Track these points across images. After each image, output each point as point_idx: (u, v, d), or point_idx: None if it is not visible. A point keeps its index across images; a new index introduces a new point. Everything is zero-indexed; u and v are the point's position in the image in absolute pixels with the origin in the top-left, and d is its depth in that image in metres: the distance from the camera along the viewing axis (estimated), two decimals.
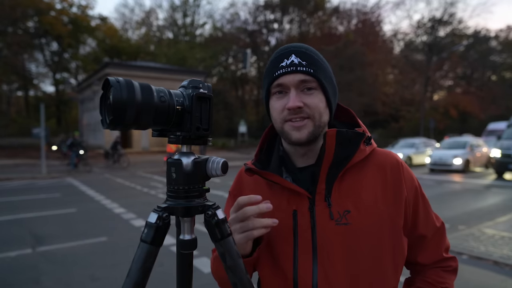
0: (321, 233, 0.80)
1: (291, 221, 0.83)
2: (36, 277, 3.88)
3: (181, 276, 0.75)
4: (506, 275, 3.83)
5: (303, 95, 0.80)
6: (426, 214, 0.88)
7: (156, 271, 1.13)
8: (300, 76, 0.79)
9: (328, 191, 0.82)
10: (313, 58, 0.81)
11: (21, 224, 6.25)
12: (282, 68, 0.80)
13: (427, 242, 0.88)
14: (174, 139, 0.69)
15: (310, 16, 43.01)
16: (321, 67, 0.81)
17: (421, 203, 0.87)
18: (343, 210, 0.80)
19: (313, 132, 0.81)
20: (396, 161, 0.87)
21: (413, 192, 0.86)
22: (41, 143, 14.79)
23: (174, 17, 48.40)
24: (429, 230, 0.88)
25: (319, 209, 0.81)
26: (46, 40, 40.24)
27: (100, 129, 29.08)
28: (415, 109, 37.15)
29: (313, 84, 0.80)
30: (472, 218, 6.40)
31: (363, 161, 0.84)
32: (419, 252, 0.89)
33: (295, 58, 0.80)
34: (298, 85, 0.79)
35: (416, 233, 0.87)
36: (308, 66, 0.79)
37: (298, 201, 0.83)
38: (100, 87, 2.00)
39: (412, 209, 0.85)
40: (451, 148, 15.04)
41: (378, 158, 0.86)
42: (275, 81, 0.81)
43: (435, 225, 0.90)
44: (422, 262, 0.89)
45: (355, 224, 0.79)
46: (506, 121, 15.92)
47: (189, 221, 0.71)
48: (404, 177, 0.85)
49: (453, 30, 38.28)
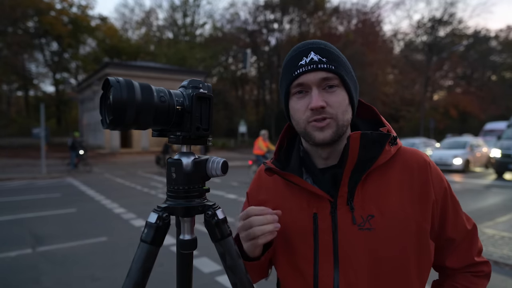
0: (342, 237, 0.77)
1: (311, 224, 0.80)
2: (36, 277, 3.87)
3: (181, 276, 0.75)
4: (506, 275, 3.82)
5: (325, 94, 0.76)
6: (456, 217, 0.83)
7: (156, 271, 1.13)
8: (321, 74, 0.75)
9: (351, 194, 0.78)
10: (333, 54, 0.78)
11: (21, 224, 6.25)
12: (301, 67, 0.76)
13: (456, 246, 0.83)
14: (174, 139, 0.69)
15: (310, 16, 43.00)
16: (342, 63, 0.78)
17: (450, 205, 0.82)
18: (366, 214, 0.77)
19: (337, 132, 0.78)
20: (424, 160, 0.82)
21: (441, 194, 0.81)
22: (41, 143, 14.79)
23: (174, 17, 48.45)
24: (458, 233, 0.83)
25: (341, 213, 0.78)
26: (46, 40, 40.26)
27: (100, 129, 29.09)
28: (415, 109, 37.18)
29: (335, 82, 0.76)
30: (472, 218, 6.40)
31: (388, 162, 0.80)
32: (448, 256, 0.84)
33: (314, 55, 0.76)
34: (320, 84, 0.76)
35: (444, 236, 0.82)
36: (329, 63, 0.76)
37: (319, 204, 0.80)
38: (100, 87, 2.00)
39: (440, 211, 0.80)
40: (451, 148, 15.05)
41: (404, 158, 0.82)
42: (295, 81, 0.78)
43: (466, 227, 0.85)
44: (451, 266, 0.84)
45: (379, 229, 0.76)
46: (505, 121, 15.93)
47: (189, 221, 0.71)
48: (432, 178, 0.80)
49: (453, 30, 38.31)
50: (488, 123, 20.85)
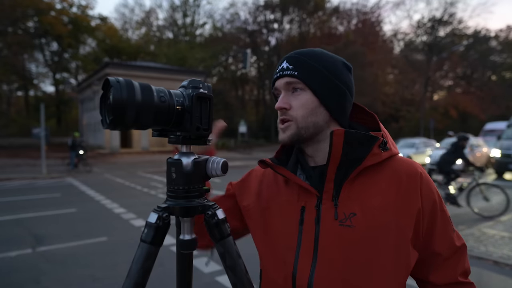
0: (323, 231, 0.81)
1: (298, 216, 0.85)
2: (36, 277, 3.87)
3: (181, 276, 0.75)
4: (506, 275, 3.82)
5: (290, 97, 0.85)
6: (444, 232, 0.83)
7: (156, 271, 1.14)
8: (285, 79, 0.84)
9: (337, 191, 0.82)
10: (302, 61, 0.84)
11: (21, 224, 6.25)
12: (276, 74, 0.88)
13: (442, 261, 0.84)
14: (174, 139, 0.69)
15: (310, 16, 43.00)
16: (310, 69, 0.83)
17: (439, 218, 0.82)
18: (349, 212, 0.80)
19: (297, 134, 0.83)
20: (415, 170, 0.83)
21: (430, 205, 0.81)
22: (41, 143, 14.79)
23: (174, 17, 48.41)
24: (445, 249, 0.83)
25: (325, 208, 0.82)
26: (46, 40, 40.27)
27: (100, 129, 29.08)
28: (415, 109, 37.15)
29: (299, 85, 0.83)
30: (472, 218, 6.40)
31: (378, 166, 0.83)
32: (431, 271, 0.84)
33: (285, 63, 0.85)
34: (286, 88, 0.85)
35: (431, 249, 0.83)
36: (294, 70, 0.84)
37: (308, 198, 0.85)
38: (100, 87, 2.00)
39: (428, 223, 0.81)
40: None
41: (396, 166, 0.83)
42: (273, 85, 0.88)
43: (454, 244, 0.84)
44: (434, 281, 0.85)
45: (358, 228, 0.78)
46: (505, 121, 15.92)
47: (189, 221, 0.71)
48: (421, 188, 0.81)
49: (453, 30, 38.26)
50: (488, 123, 20.82)
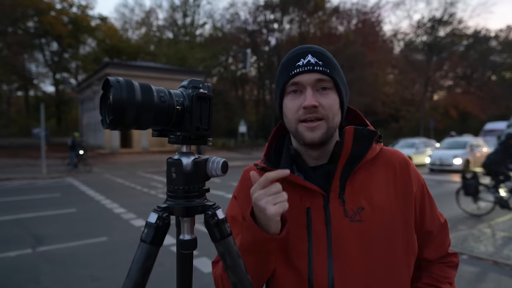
0: (336, 230, 0.80)
1: (304, 219, 0.83)
2: (36, 277, 3.87)
3: (181, 276, 0.75)
4: (506, 275, 3.83)
5: (318, 95, 0.80)
6: (432, 211, 0.90)
7: (156, 271, 1.13)
8: (316, 75, 0.79)
9: (342, 188, 0.82)
10: (329, 58, 0.83)
11: (21, 224, 6.25)
12: (298, 67, 0.80)
13: (433, 238, 0.90)
14: (174, 139, 0.69)
15: (310, 16, 42.97)
16: (336, 68, 0.83)
17: (427, 199, 0.90)
18: (356, 207, 0.81)
19: (327, 133, 0.81)
20: (404, 158, 0.89)
21: (420, 189, 0.88)
22: (41, 143, 14.79)
23: (174, 17, 48.42)
24: (435, 227, 0.90)
25: (333, 206, 0.81)
26: (46, 40, 40.27)
27: (100, 129, 29.07)
28: (415, 109, 37.14)
29: (328, 84, 0.81)
30: (472, 218, 6.40)
31: (373, 159, 0.86)
32: (425, 248, 0.90)
33: (311, 58, 0.80)
34: (314, 84, 0.80)
35: (424, 229, 0.89)
36: (324, 66, 0.80)
37: (312, 199, 0.83)
38: (100, 87, 2.00)
39: (420, 205, 0.88)
40: (451, 148, 15.03)
41: (386, 156, 0.88)
42: (291, 80, 0.81)
43: (440, 221, 0.92)
44: (428, 257, 0.90)
45: (368, 221, 0.80)
46: (505, 121, 15.92)
47: (189, 221, 0.71)
48: (411, 174, 0.87)
49: (453, 30, 38.26)
50: (488, 123, 20.83)
